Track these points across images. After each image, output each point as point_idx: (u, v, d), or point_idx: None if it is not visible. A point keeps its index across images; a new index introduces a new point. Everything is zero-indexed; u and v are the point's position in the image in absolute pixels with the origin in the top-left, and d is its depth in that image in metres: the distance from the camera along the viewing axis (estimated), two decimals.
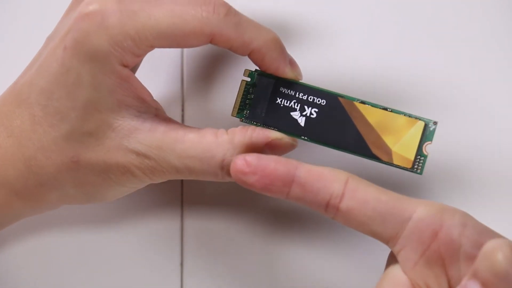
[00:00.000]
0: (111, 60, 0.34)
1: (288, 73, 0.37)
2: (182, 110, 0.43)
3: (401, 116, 0.36)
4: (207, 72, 0.43)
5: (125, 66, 0.34)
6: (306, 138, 0.37)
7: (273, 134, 0.36)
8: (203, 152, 0.36)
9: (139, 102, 0.35)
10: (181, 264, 0.41)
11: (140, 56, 0.35)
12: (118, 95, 0.35)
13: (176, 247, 0.41)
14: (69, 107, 0.34)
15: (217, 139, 0.36)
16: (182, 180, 0.42)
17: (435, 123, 0.36)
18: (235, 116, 0.37)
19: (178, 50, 0.43)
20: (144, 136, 0.35)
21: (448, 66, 0.41)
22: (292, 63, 0.37)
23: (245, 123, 0.37)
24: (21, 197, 0.36)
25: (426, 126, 0.36)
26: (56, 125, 0.35)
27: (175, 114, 0.42)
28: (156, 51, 0.36)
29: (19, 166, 0.35)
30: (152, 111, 0.36)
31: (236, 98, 0.37)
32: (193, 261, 0.41)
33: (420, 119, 0.36)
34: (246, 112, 0.37)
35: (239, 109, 0.37)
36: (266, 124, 0.37)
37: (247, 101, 0.37)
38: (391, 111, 0.36)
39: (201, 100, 0.42)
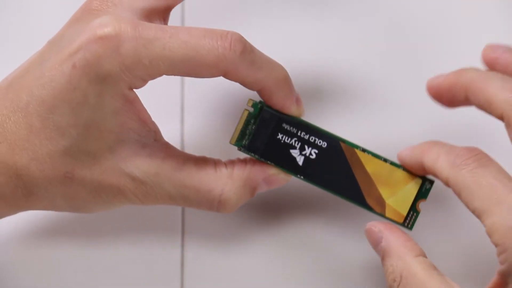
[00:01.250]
0: (120, 84, 0.33)
1: (293, 111, 0.37)
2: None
3: (400, 170, 0.36)
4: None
5: (132, 89, 0.34)
6: (302, 177, 0.37)
7: (271, 171, 0.37)
8: (201, 183, 0.35)
9: (140, 125, 0.35)
10: (182, 265, 0.41)
11: (148, 81, 0.34)
12: (122, 118, 0.34)
13: (177, 248, 0.41)
14: (71, 124, 0.34)
15: (216, 172, 0.36)
16: None
17: (431, 182, 0.36)
18: (233, 144, 0.37)
19: None
20: (142, 161, 0.35)
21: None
22: (298, 100, 0.37)
23: (243, 153, 0.37)
24: (7, 203, 0.35)
25: (423, 184, 0.36)
26: (54, 139, 0.34)
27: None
28: None
29: (10, 174, 0.35)
30: (151, 134, 0.36)
31: (237, 126, 0.37)
32: (193, 262, 0.41)
33: (418, 176, 0.36)
34: (245, 142, 0.37)
35: (238, 137, 0.37)
36: (264, 158, 0.37)
37: (248, 131, 0.37)
38: (390, 164, 0.36)
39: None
